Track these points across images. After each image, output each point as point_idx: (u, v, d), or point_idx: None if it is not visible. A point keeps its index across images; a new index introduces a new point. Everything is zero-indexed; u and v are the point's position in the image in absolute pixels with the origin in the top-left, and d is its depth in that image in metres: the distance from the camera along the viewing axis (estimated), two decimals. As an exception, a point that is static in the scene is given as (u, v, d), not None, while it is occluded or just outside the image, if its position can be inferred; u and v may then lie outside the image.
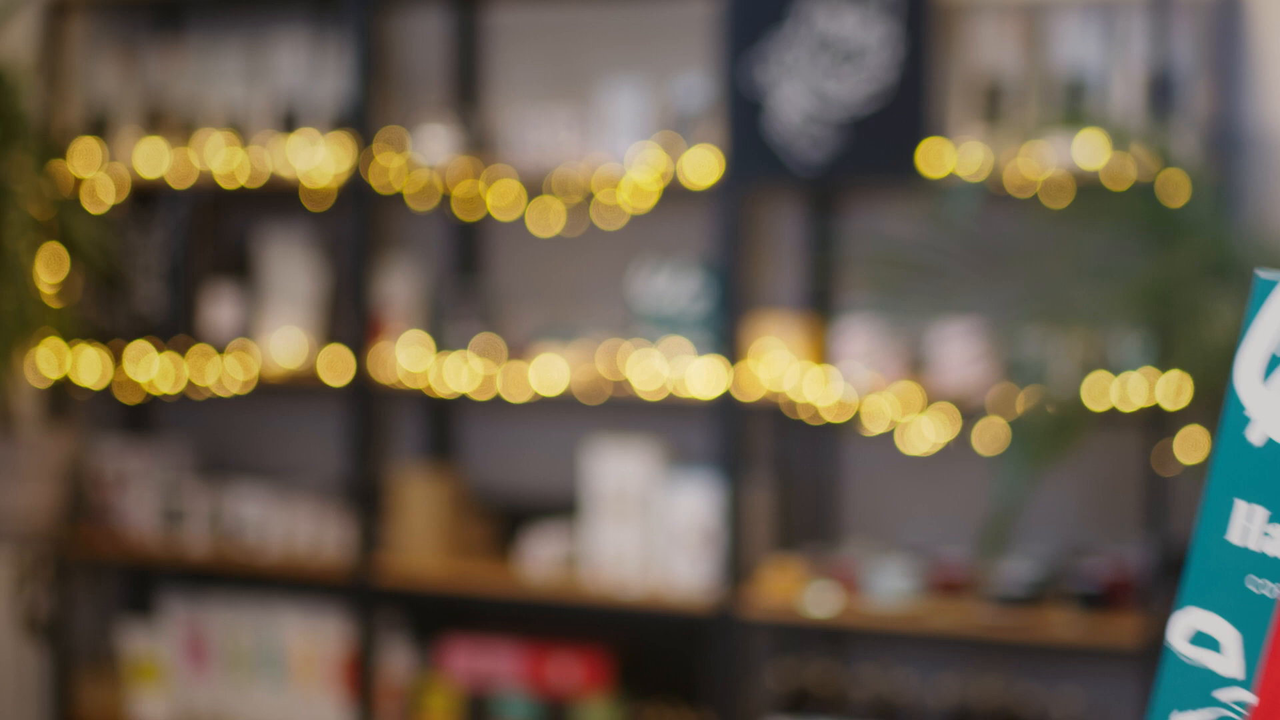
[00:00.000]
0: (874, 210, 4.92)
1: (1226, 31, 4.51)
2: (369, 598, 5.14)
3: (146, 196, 5.39)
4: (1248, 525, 1.26)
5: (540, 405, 5.10)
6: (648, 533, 4.89)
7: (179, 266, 5.35)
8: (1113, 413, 4.35)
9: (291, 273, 5.30)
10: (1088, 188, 4.44)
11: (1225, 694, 1.26)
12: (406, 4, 5.27)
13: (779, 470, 4.99)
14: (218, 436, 5.67)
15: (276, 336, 5.24)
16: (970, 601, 4.62)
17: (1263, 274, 1.29)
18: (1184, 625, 1.29)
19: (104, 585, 5.68)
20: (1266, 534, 1.25)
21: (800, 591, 4.69)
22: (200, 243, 5.37)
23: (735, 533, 4.76)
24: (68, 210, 5.25)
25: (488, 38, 5.36)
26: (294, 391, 5.46)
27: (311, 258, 5.30)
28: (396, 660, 5.20)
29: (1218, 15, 4.49)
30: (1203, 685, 1.27)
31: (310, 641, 5.28)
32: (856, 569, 4.69)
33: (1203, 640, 1.28)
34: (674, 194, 4.86)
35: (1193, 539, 1.29)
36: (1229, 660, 1.26)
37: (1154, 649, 4.36)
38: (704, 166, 4.78)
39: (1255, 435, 1.26)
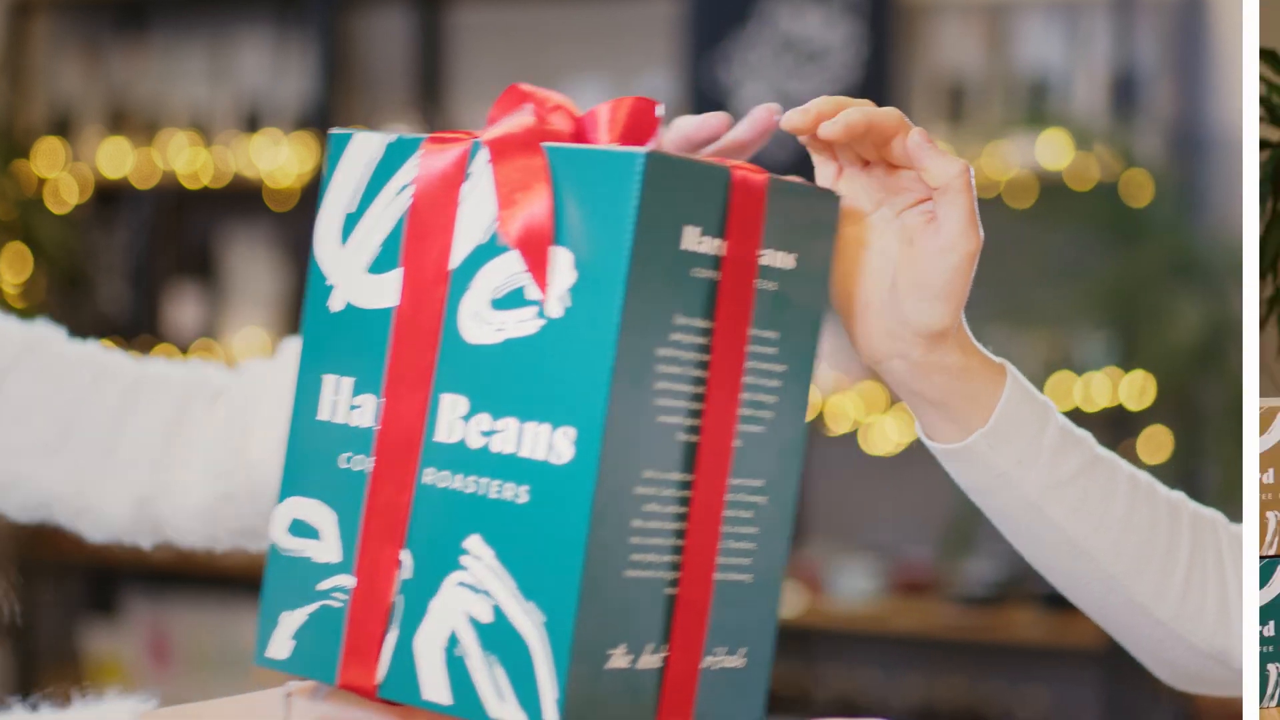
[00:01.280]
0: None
1: (1189, 32, 4.52)
2: (333, 598, 5.12)
3: (110, 196, 5.37)
4: (336, 399, 1.17)
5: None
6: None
7: (142, 266, 5.33)
8: (1076, 413, 4.36)
9: (255, 273, 5.28)
10: (1051, 188, 4.45)
11: (327, 582, 1.18)
12: (370, 3, 5.26)
13: (743, 470, 4.99)
14: (181, 437, 5.66)
15: (240, 336, 5.22)
16: (934, 602, 4.63)
17: (336, 130, 1.21)
18: (283, 516, 1.20)
19: (67, 585, 5.66)
20: (354, 405, 1.16)
21: (764, 591, 4.69)
22: (163, 243, 5.36)
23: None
24: (31, 210, 5.23)
25: (451, 37, 5.35)
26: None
27: (275, 258, 5.29)
28: (360, 661, 5.19)
29: (1181, 15, 4.50)
30: (306, 577, 1.20)
31: (274, 642, 5.27)
32: (820, 569, 4.69)
33: (302, 530, 1.19)
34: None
35: (288, 427, 1.21)
36: (328, 546, 1.18)
37: (1117, 649, 4.36)
38: (668, 166, 4.78)
39: (336, 302, 1.18)
